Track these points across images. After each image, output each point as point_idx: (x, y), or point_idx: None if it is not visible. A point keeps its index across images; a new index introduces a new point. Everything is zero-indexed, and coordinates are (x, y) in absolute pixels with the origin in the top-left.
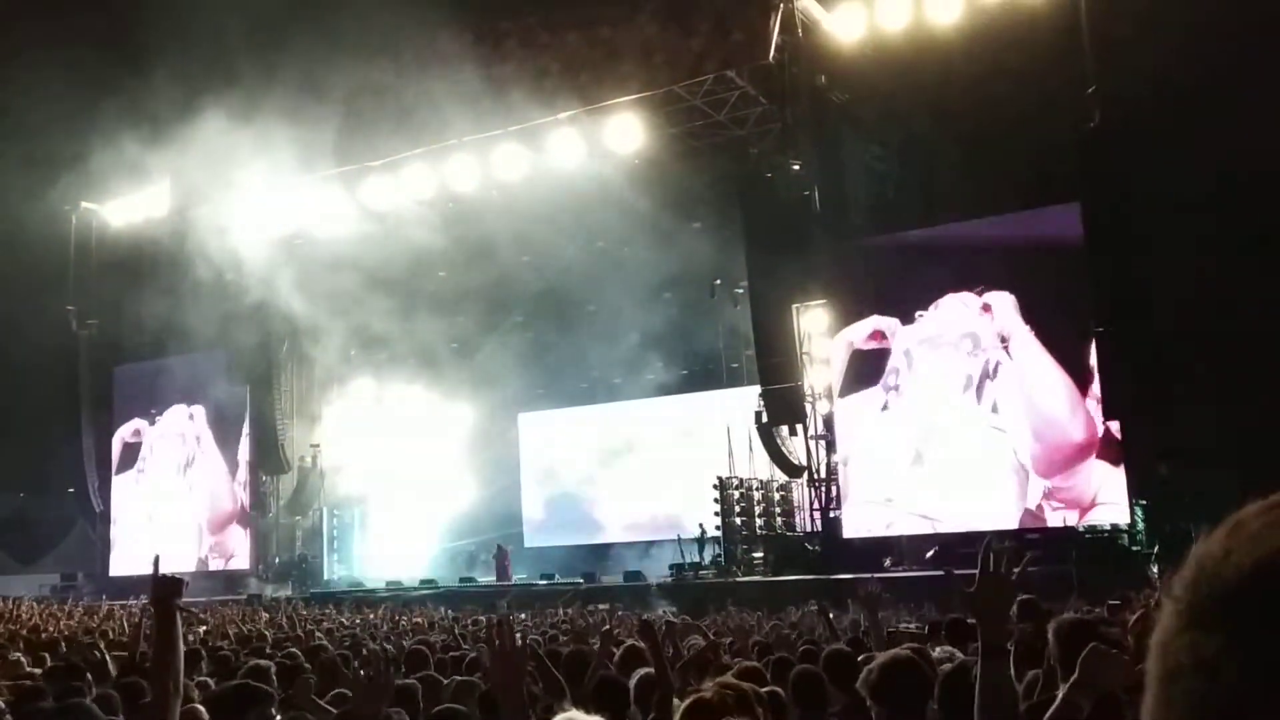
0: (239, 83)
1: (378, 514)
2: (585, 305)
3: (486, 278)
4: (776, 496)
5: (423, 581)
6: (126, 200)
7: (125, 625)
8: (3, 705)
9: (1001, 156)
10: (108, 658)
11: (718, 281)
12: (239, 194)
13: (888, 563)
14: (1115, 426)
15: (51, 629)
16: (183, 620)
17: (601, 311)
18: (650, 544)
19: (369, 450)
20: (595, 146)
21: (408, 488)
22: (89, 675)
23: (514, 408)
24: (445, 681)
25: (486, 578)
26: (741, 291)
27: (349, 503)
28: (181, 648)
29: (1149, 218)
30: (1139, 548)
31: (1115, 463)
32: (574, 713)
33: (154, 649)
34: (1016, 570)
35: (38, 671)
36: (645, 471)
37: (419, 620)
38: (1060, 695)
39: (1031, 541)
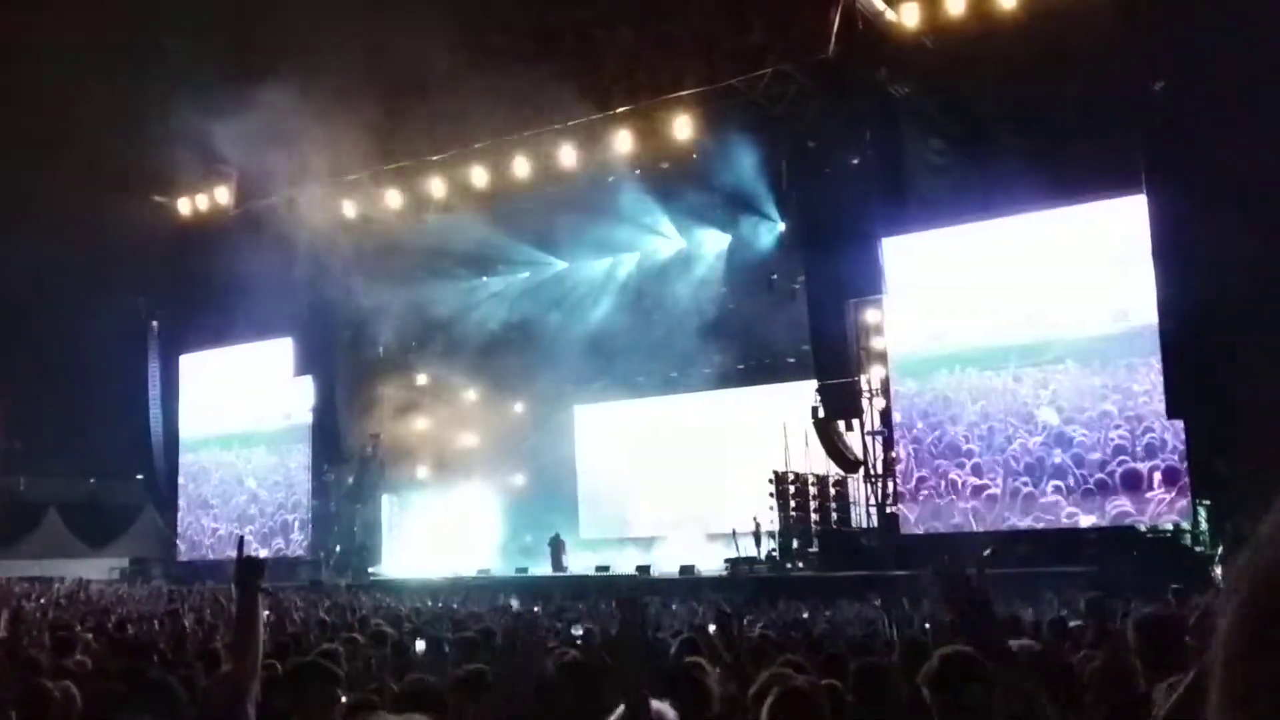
0: (304, 77)
1: (435, 503)
2: (642, 299)
3: (543, 271)
4: (833, 492)
5: (479, 571)
6: (194, 193)
7: (188, 610)
8: (74, 689)
9: (1065, 148)
10: (186, 636)
11: (775, 276)
12: (303, 186)
13: (946, 559)
14: (1179, 425)
15: (121, 611)
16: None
17: (658, 305)
18: (705, 537)
19: (427, 441)
20: (652, 142)
21: (465, 478)
22: (155, 656)
23: (569, 400)
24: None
25: (540, 568)
26: (799, 286)
27: (407, 492)
28: (261, 628)
29: (1216, 212)
30: (1202, 548)
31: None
32: None
33: (235, 628)
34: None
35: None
36: (700, 465)
37: (475, 609)
38: (1182, 688)
39: (1090, 541)
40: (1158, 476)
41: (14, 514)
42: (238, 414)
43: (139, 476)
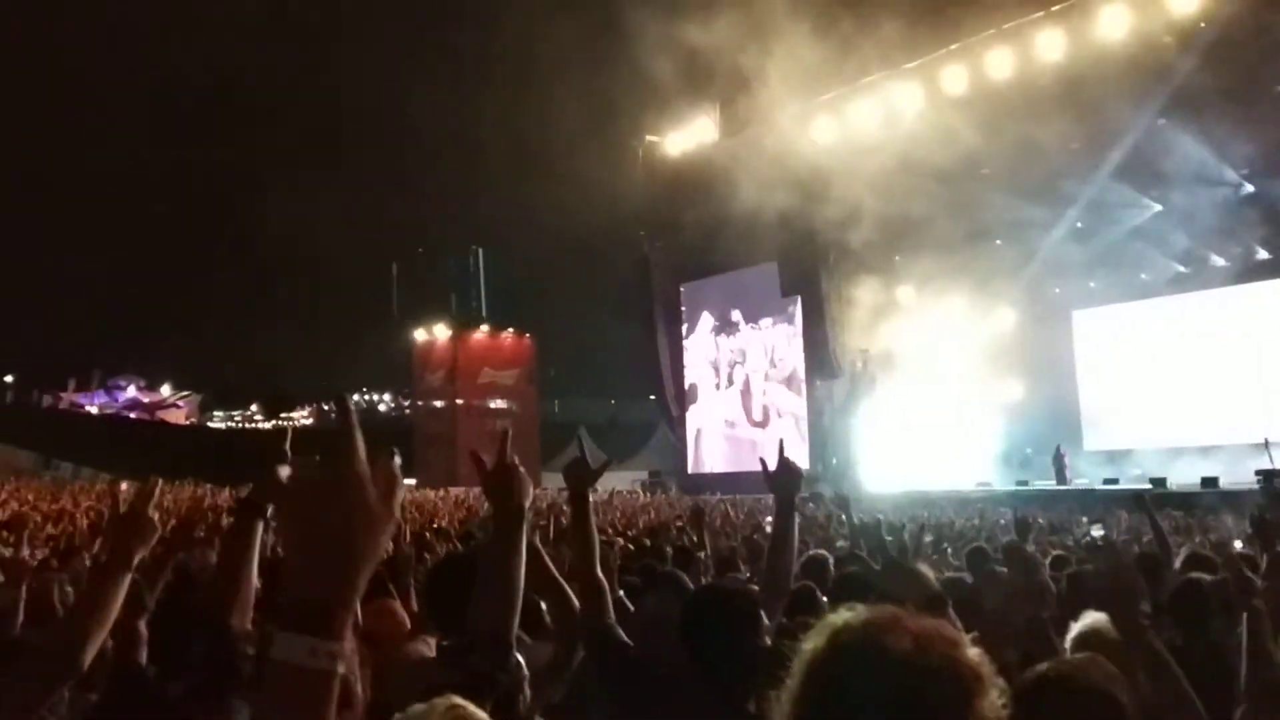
0: (762, 11)
1: (927, 415)
2: (1146, 191)
3: (1032, 171)
4: None
5: (978, 484)
6: (682, 128)
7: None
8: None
9: None
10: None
11: None
12: (779, 112)
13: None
14: None
15: (643, 520)
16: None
17: (1162, 197)
18: (1230, 448)
19: (916, 352)
20: (1151, 14)
21: (957, 390)
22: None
23: (1066, 305)
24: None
25: (1041, 481)
26: None
27: (899, 404)
28: (793, 542)
29: None
30: None
31: None
32: (1095, 615)
33: (771, 541)
34: None
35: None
36: (1221, 368)
37: (975, 521)
38: None
39: None
40: None
41: (550, 433)
42: (734, 336)
43: (651, 397)
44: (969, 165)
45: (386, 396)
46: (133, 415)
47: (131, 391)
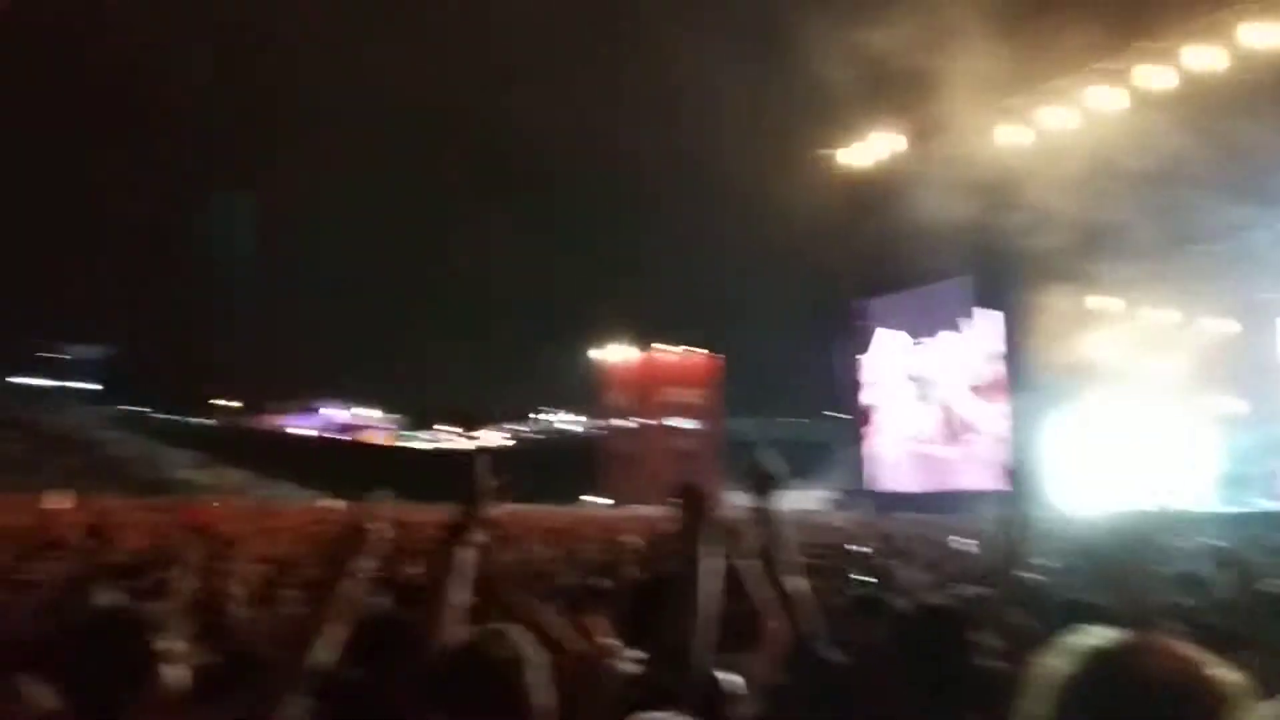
0: (947, 17)
1: (1132, 431)
2: None
3: (1243, 170)
4: None
5: (1193, 506)
6: (860, 142)
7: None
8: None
9: None
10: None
11: None
12: (966, 120)
13: None
14: None
15: (820, 539)
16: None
17: None
18: None
19: (1119, 364)
20: None
21: (1164, 404)
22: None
23: (1275, 312)
24: None
25: (1265, 501)
26: None
27: (1100, 420)
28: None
29: None
30: None
31: None
32: None
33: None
34: None
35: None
36: None
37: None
38: None
39: None
40: None
41: (735, 451)
42: (921, 352)
43: (837, 415)
44: (1172, 166)
45: (571, 416)
46: (337, 437)
47: (337, 415)
